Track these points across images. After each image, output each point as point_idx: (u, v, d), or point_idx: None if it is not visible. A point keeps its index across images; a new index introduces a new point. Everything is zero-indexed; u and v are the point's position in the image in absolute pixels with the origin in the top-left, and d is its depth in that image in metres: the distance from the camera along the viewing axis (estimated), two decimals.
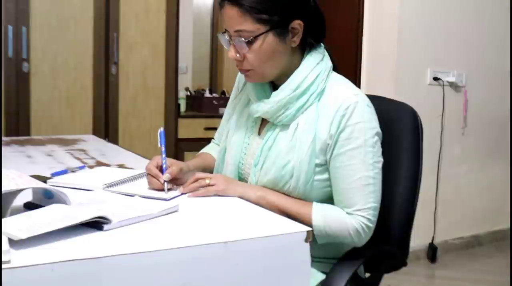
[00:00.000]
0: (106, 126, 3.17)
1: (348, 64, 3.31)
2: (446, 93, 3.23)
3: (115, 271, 0.82)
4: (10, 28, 2.83)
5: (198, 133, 3.51)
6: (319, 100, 1.27)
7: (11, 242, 0.81)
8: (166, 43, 3.29)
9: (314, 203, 1.25)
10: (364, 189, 1.22)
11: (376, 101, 1.32)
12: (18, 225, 0.87)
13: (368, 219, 1.22)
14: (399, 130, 1.43)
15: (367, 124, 1.23)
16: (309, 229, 1.00)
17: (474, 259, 3.33)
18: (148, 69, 3.26)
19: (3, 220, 0.89)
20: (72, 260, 0.79)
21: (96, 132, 3.06)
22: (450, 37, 3.24)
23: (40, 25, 2.93)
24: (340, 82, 1.31)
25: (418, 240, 3.08)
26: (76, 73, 3.05)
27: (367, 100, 1.27)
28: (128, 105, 3.22)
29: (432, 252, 3.25)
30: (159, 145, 1.30)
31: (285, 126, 1.29)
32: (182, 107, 3.77)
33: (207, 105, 3.76)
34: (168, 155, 1.31)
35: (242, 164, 1.36)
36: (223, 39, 1.28)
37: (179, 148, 3.41)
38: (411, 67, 3.13)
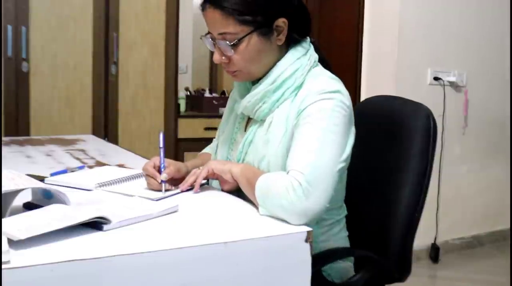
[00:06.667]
0: (106, 126, 3.16)
1: (348, 64, 3.31)
2: (447, 93, 3.23)
3: (115, 271, 0.82)
4: (9, 27, 2.82)
5: (198, 133, 3.50)
6: (296, 95, 1.23)
7: (11, 242, 0.80)
8: (166, 43, 3.29)
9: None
10: (307, 149, 1.12)
11: (390, 101, 1.29)
12: (17, 225, 0.87)
13: (302, 174, 1.08)
14: (411, 130, 1.37)
15: (328, 112, 1.16)
16: (309, 229, 1.00)
17: (474, 260, 3.32)
18: (148, 69, 3.25)
19: (2, 220, 0.89)
20: (72, 260, 0.79)
21: (95, 132, 3.05)
22: (450, 37, 3.23)
23: (40, 24, 2.93)
24: (320, 77, 1.24)
25: (418, 240, 3.05)
26: (75, 73, 3.05)
27: (345, 100, 1.19)
28: (128, 105, 3.21)
29: (434, 253, 3.25)
30: (159, 146, 1.31)
31: (263, 121, 1.28)
32: (182, 107, 3.76)
33: (207, 105, 3.76)
34: (168, 155, 1.31)
35: (230, 159, 1.37)
36: (207, 41, 1.26)
37: (179, 148, 3.41)
38: (412, 67, 3.12)
